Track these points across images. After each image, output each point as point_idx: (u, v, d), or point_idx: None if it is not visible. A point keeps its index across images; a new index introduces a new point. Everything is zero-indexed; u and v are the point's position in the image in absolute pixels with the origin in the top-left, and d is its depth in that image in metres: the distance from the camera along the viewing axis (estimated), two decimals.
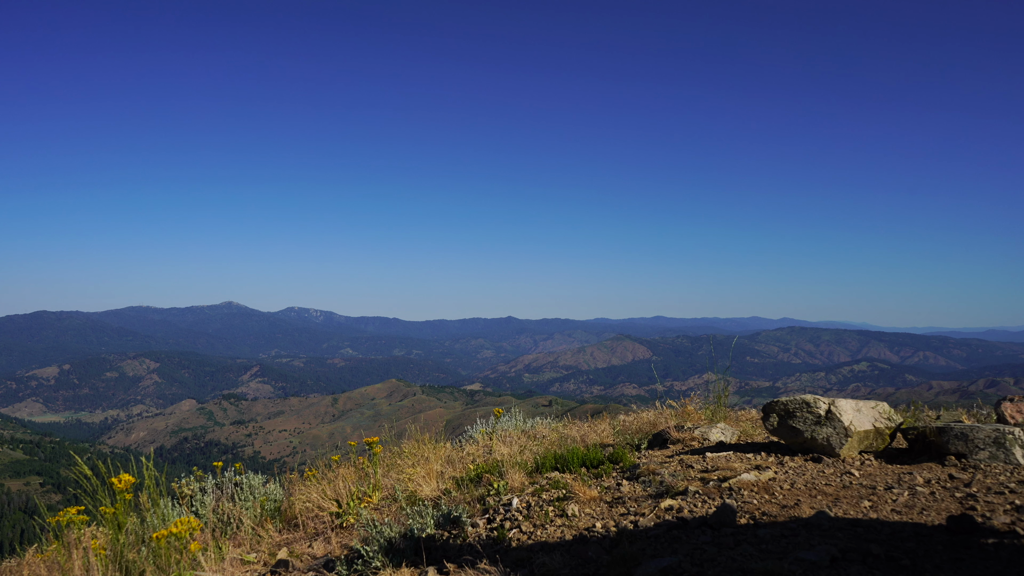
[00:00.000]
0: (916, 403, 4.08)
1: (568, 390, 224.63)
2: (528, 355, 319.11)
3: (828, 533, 1.98)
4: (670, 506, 2.35)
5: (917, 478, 2.53)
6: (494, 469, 3.20)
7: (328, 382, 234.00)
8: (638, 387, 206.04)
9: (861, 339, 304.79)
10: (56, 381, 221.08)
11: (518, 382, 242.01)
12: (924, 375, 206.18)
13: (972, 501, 2.25)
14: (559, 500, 2.58)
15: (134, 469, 2.96)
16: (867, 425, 2.93)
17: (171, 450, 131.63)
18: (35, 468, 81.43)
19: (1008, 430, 2.74)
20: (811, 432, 2.88)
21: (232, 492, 3.71)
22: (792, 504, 2.30)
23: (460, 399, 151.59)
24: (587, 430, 4.17)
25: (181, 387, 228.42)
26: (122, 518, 2.69)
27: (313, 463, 4.05)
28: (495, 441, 4.06)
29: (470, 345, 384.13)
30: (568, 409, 43.51)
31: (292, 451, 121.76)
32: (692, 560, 1.83)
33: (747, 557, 1.81)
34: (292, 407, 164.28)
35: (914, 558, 1.76)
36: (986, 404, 4.24)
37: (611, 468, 2.94)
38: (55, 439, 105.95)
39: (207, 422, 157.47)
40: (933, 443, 2.84)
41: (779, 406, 2.99)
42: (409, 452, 4.06)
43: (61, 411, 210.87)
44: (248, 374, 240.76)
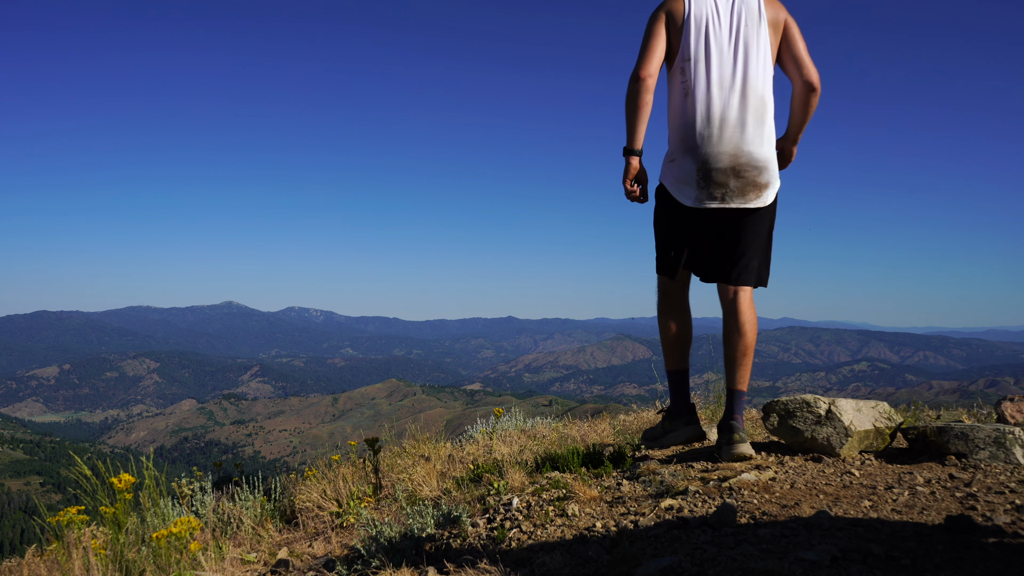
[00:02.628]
0: (916, 403, 4.08)
1: (568, 390, 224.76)
2: (528, 355, 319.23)
3: (828, 533, 1.98)
4: (670, 506, 2.35)
5: (917, 478, 2.53)
6: (494, 469, 3.19)
7: (328, 382, 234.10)
8: (638, 387, 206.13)
9: (861, 339, 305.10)
10: (56, 381, 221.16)
11: (518, 382, 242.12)
12: (924, 375, 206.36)
13: (972, 501, 2.25)
14: (559, 500, 2.58)
15: (134, 469, 2.95)
16: (867, 425, 2.93)
17: (171, 450, 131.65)
18: (35, 468, 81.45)
19: (1008, 430, 2.74)
20: (811, 432, 2.88)
21: (232, 492, 3.71)
22: (792, 504, 2.30)
23: (460, 399, 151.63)
24: (587, 430, 4.17)
25: (181, 387, 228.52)
26: (122, 518, 2.69)
27: (313, 463, 4.05)
28: (495, 441, 4.05)
29: (470, 345, 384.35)
30: (568, 409, 43.53)
31: (292, 451, 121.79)
32: (692, 560, 1.83)
33: (747, 557, 1.81)
34: (292, 407, 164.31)
35: (915, 558, 1.76)
36: (986, 404, 4.24)
37: (611, 468, 2.93)
38: (55, 439, 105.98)
39: (207, 422, 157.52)
40: (933, 443, 2.84)
41: (779, 406, 2.99)
42: (409, 452, 4.06)
43: (61, 411, 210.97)
44: (248, 374, 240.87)
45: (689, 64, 2.90)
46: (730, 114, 2.85)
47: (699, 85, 2.87)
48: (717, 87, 2.86)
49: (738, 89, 2.86)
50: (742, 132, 2.85)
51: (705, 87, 2.86)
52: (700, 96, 2.87)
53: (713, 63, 2.88)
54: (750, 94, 2.86)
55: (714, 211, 2.94)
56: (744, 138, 2.86)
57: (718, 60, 2.88)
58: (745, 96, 2.86)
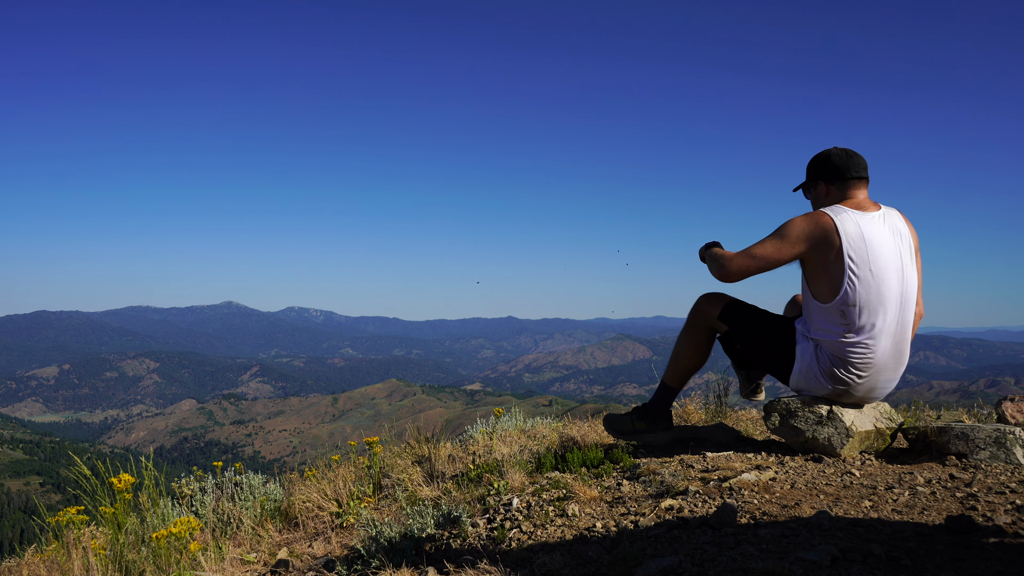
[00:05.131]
0: (917, 403, 4.08)
1: (568, 390, 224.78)
2: (528, 355, 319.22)
3: (829, 533, 1.98)
4: (670, 506, 2.35)
5: (918, 478, 2.52)
6: (494, 469, 3.19)
7: (328, 382, 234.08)
8: (638, 387, 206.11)
9: None
10: (56, 381, 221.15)
11: (518, 382, 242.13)
12: (924, 375, 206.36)
13: (973, 501, 2.25)
14: (559, 500, 2.58)
15: (134, 469, 2.95)
16: (868, 425, 2.93)
17: (171, 450, 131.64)
18: (35, 468, 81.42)
19: (1009, 430, 2.74)
20: (812, 432, 2.88)
21: (232, 492, 3.70)
22: (793, 504, 2.29)
23: (460, 399, 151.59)
24: (587, 430, 4.17)
25: (181, 387, 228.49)
26: (122, 518, 2.69)
27: (313, 463, 4.04)
28: (495, 441, 4.05)
29: (470, 345, 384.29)
30: (568, 409, 43.48)
31: (292, 451, 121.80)
32: (693, 560, 1.83)
33: (748, 557, 1.80)
34: (292, 407, 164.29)
35: (915, 558, 1.75)
36: (987, 404, 4.23)
37: (611, 468, 2.93)
38: (55, 439, 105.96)
39: (207, 422, 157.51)
40: (934, 443, 2.84)
41: (781, 405, 2.98)
42: (409, 452, 4.06)
43: (61, 411, 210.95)
44: (248, 374, 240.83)
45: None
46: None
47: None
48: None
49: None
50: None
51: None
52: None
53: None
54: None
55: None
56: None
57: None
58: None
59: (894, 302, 2.76)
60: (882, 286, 2.73)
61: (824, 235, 2.74)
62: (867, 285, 2.72)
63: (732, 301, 3.09)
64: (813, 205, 3.02)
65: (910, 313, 2.83)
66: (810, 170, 3.00)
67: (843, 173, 2.88)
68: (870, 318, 2.75)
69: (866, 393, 2.89)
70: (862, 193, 2.90)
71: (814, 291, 2.85)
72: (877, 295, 2.73)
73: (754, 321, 3.05)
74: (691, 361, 3.20)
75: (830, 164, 2.91)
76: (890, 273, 2.74)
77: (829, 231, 2.73)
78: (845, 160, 2.88)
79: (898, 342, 2.82)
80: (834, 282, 2.75)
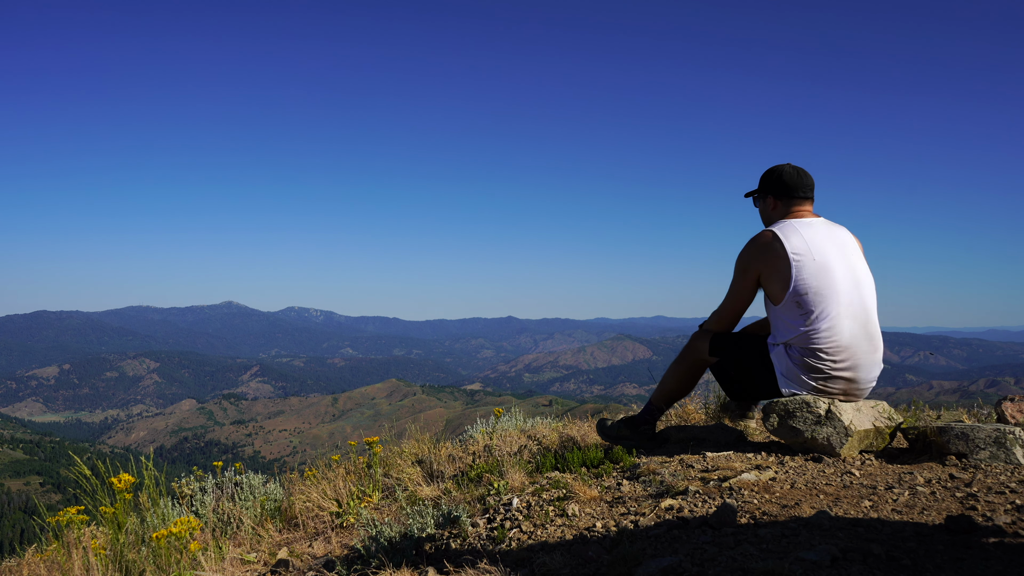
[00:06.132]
0: (916, 403, 4.08)
1: (568, 390, 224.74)
2: (528, 355, 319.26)
3: (829, 533, 1.98)
4: (670, 506, 2.35)
5: (918, 478, 2.53)
6: (494, 469, 3.19)
7: (328, 382, 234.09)
8: (638, 387, 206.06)
9: None
10: (56, 381, 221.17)
11: (518, 382, 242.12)
12: (924, 375, 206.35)
13: (973, 501, 2.25)
14: (559, 500, 2.58)
15: (134, 469, 2.95)
16: (867, 425, 2.93)
17: (171, 450, 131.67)
18: (35, 468, 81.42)
19: (1009, 430, 2.74)
20: (811, 432, 2.88)
21: (232, 492, 3.70)
22: (793, 504, 2.29)
23: (460, 399, 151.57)
24: (587, 430, 4.17)
25: (181, 387, 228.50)
26: (122, 518, 2.69)
27: (313, 463, 4.04)
28: (495, 441, 4.05)
29: (470, 345, 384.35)
30: (568, 409, 43.51)
31: (292, 451, 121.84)
32: (693, 560, 1.83)
33: (748, 557, 1.81)
34: (292, 407, 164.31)
35: (915, 558, 1.76)
36: (986, 404, 4.23)
37: (611, 468, 2.93)
38: (55, 439, 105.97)
39: (207, 422, 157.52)
40: (934, 443, 2.84)
41: (779, 406, 2.99)
42: (409, 452, 4.06)
43: (61, 411, 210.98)
44: (248, 374, 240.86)
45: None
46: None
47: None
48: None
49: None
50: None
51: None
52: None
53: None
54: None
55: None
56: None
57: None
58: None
59: (845, 284, 2.93)
60: (828, 271, 2.92)
61: (767, 245, 2.99)
62: (811, 271, 2.91)
63: (716, 334, 3.28)
64: (760, 214, 3.28)
65: (869, 295, 2.99)
66: (762, 183, 3.24)
67: (791, 192, 3.13)
68: (823, 303, 2.91)
69: (852, 377, 2.98)
70: (806, 210, 3.15)
71: (771, 296, 3.05)
72: (826, 280, 2.91)
73: (736, 345, 3.24)
74: (676, 389, 3.42)
75: (781, 182, 3.15)
76: (833, 259, 2.94)
77: (771, 240, 2.99)
78: (795, 179, 3.13)
79: (864, 324, 2.96)
80: (783, 278, 2.95)
